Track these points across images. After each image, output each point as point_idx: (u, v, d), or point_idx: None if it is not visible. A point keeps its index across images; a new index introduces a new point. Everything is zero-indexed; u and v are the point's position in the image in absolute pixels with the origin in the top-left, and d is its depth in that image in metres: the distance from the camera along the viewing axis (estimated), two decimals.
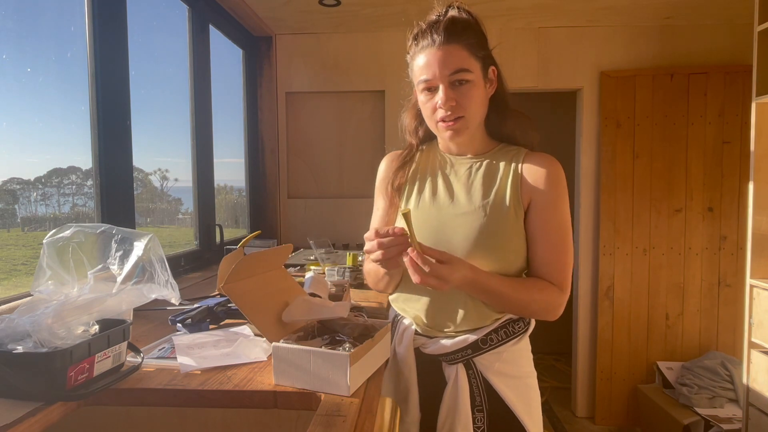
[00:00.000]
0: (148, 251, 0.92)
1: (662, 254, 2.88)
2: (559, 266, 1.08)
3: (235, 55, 2.85)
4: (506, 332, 1.12)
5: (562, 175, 1.11)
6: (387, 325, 0.98)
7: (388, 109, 2.90)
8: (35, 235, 1.48)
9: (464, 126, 1.07)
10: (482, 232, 1.07)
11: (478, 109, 1.09)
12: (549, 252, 1.08)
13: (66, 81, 1.56)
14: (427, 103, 1.08)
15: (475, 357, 1.11)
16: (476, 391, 1.11)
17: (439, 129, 1.09)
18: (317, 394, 0.82)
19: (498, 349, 1.11)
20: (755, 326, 2.04)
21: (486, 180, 1.12)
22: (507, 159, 1.14)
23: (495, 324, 1.11)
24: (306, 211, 2.99)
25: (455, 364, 1.11)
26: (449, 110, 1.05)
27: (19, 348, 0.77)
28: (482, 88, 1.08)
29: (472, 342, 1.09)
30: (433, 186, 1.16)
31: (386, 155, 1.27)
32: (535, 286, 1.07)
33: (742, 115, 2.78)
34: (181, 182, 2.21)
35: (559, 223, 1.08)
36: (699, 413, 2.44)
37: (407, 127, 1.24)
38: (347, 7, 2.50)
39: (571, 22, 2.78)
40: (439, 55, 1.03)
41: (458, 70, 1.03)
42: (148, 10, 1.97)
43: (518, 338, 1.13)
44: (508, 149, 1.16)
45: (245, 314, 0.94)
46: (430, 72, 1.04)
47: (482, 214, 1.08)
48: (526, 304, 1.06)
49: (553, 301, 1.08)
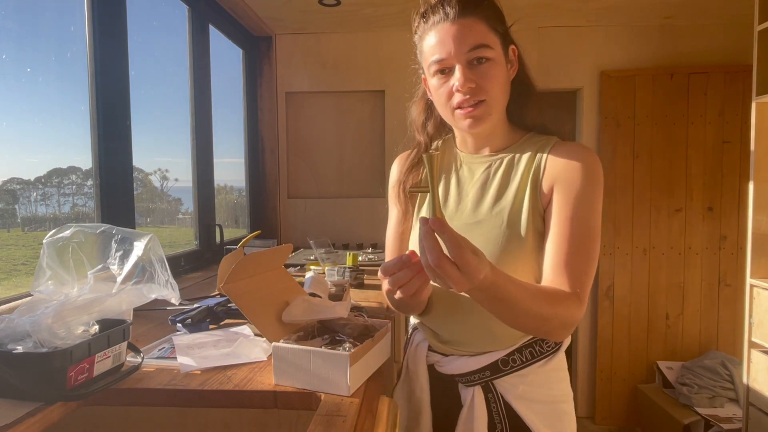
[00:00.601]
0: (148, 251, 0.92)
1: (662, 254, 2.88)
2: (578, 272, 0.87)
3: (235, 55, 2.85)
4: (532, 352, 0.97)
5: (598, 168, 0.91)
6: (387, 325, 0.98)
7: (388, 109, 2.90)
8: (35, 235, 1.48)
9: (486, 112, 0.91)
10: (500, 243, 0.91)
11: (501, 92, 0.92)
12: (569, 254, 0.88)
13: (66, 81, 1.56)
14: (440, 87, 0.92)
15: (494, 379, 0.97)
16: (497, 417, 0.97)
17: (457, 118, 0.93)
18: (317, 394, 0.82)
19: (522, 371, 0.97)
20: (755, 326, 2.04)
21: (504, 180, 0.96)
22: (532, 150, 0.96)
23: (518, 343, 0.96)
24: (306, 211, 2.99)
25: (472, 386, 0.98)
26: (468, 93, 0.89)
27: (19, 348, 0.77)
28: (504, 68, 0.92)
29: (491, 363, 0.96)
30: (446, 190, 1.02)
31: (397, 157, 1.12)
32: (556, 296, 0.84)
33: (742, 114, 2.78)
34: (181, 182, 2.21)
35: (586, 221, 0.89)
36: (699, 413, 2.44)
37: (415, 123, 1.08)
38: (347, 7, 2.49)
39: (571, 22, 2.77)
40: (453, 30, 0.88)
41: (477, 46, 0.87)
42: (147, 10, 1.97)
43: (546, 359, 0.98)
44: (536, 140, 0.98)
45: (245, 314, 0.94)
46: (444, 50, 0.88)
47: (498, 222, 0.93)
48: (546, 318, 0.83)
49: (572, 316, 0.85)
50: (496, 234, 0.92)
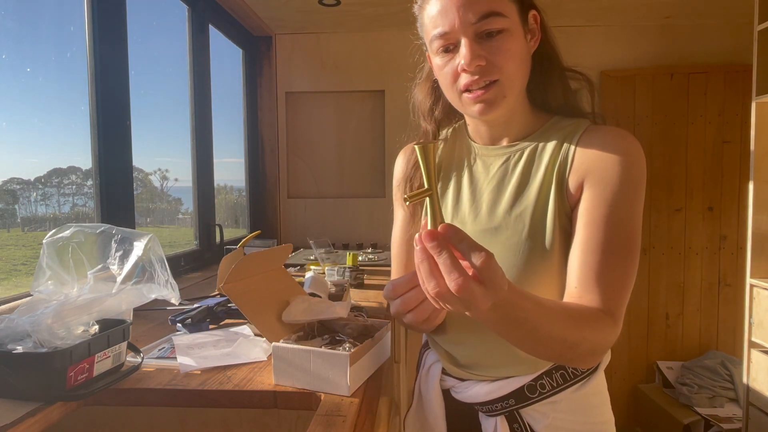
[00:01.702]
0: (147, 251, 0.92)
1: (662, 254, 2.88)
2: (613, 286, 0.72)
3: (235, 55, 2.85)
4: (564, 376, 0.81)
5: (640, 158, 0.74)
6: (387, 325, 0.98)
7: (388, 109, 2.90)
8: (35, 235, 1.48)
9: (500, 94, 0.75)
10: (519, 253, 0.77)
11: (519, 70, 0.76)
12: (602, 263, 0.72)
13: (66, 81, 1.56)
14: (445, 67, 0.76)
15: (521, 408, 0.83)
16: None
17: (465, 103, 0.77)
18: (317, 394, 0.82)
19: (553, 397, 0.81)
20: (755, 326, 2.04)
21: (524, 177, 0.80)
22: (558, 138, 0.80)
23: (548, 365, 0.81)
24: (306, 211, 2.99)
25: (494, 416, 0.84)
26: (477, 73, 0.73)
27: (19, 348, 0.77)
28: (522, 40, 0.77)
29: (516, 389, 0.81)
30: (457, 190, 0.87)
31: (401, 151, 0.97)
32: (585, 317, 0.70)
33: (742, 114, 2.78)
34: (181, 182, 2.21)
35: (624, 224, 0.73)
36: (699, 413, 2.44)
37: (420, 107, 0.92)
38: (347, 7, 2.49)
39: (571, 21, 2.77)
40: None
41: (487, 14, 0.72)
42: (147, 10, 1.97)
43: (581, 383, 0.82)
44: (563, 124, 0.82)
45: (245, 314, 0.94)
46: (447, 22, 0.73)
47: (519, 228, 0.78)
48: (571, 345, 0.68)
49: (604, 341, 0.70)
50: (516, 242, 0.77)
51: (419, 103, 0.93)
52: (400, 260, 0.96)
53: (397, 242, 0.96)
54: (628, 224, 0.74)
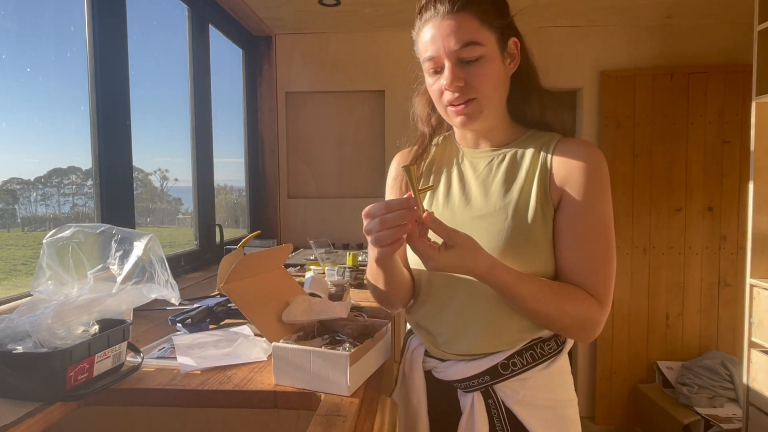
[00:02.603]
0: (147, 251, 0.92)
1: (662, 254, 2.88)
2: (599, 276, 0.88)
3: (235, 55, 2.85)
4: (533, 355, 0.94)
5: (604, 165, 0.91)
6: (387, 325, 0.98)
7: (388, 109, 2.90)
8: (35, 235, 1.48)
9: (477, 110, 0.90)
10: (504, 237, 0.90)
11: (495, 89, 0.92)
12: (587, 259, 0.88)
13: (66, 81, 1.56)
14: (434, 85, 0.93)
15: (494, 384, 0.94)
16: (498, 424, 0.93)
17: (449, 115, 0.93)
18: (317, 394, 0.82)
19: (523, 375, 0.93)
20: (755, 326, 2.04)
21: (509, 175, 0.95)
22: (536, 147, 0.95)
23: (519, 345, 0.94)
24: (306, 211, 2.99)
25: (471, 392, 0.95)
26: (457, 92, 0.89)
27: (19, 348, 0.77)
28: (499, 64, 0.91)
29: (491, 367, 0.93)
30: (448, 184, 1.00)
31: (398, 153, 1.12)
32: (570, 296, 0.87)
33: (742, 114, 2.78)
34: (181, 182, 2.21)
35: (600, 223, 0.89)
36: (699, 413, 2.44)
37: (419, 114, 1.08)
38: (347, 7, 2.49)
39: (571, 21, 2.77)
40: (443, 26, 0.88)
41: (467, 43, 0.87)
42: (147, 9, 1.97)
43: (548, 362, 0.95)
44: (538, 136, 0.98)
45: (245, 314, 0.94)
46: (434, 48, 0.89)
47: (504, 216, 0.91)
48: (555, 317, 0.86)
49: (591, 319, 0.87)
50: (500, 228, 0.91)
51: (419, 111, 1.08)
52: None
53: None
54: (604, 222, 0.89)
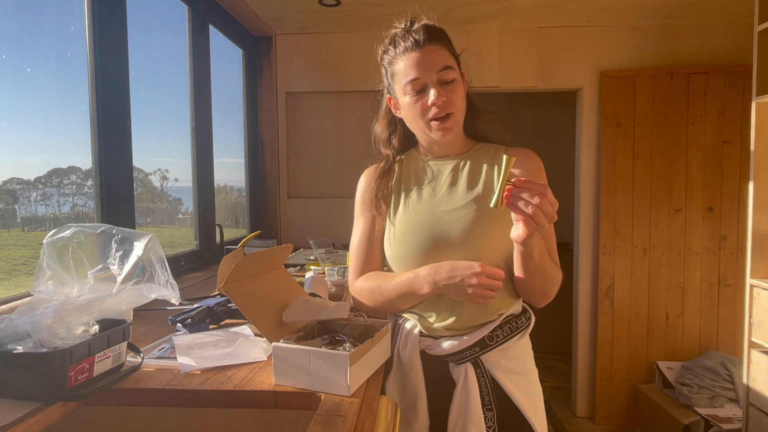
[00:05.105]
0: (148, 251, 0.92)
1: (662, 254, 2.88)
2: (554, 250, 1.12)
3: (235, 55, 2.85)
4: (510, 328, 1.12)
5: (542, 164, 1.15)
6: (387, 325, 0.98)
7: None
8: (35, 235, 1.48)
9: (455, 123, 1.09)
10: (479, 222, 1.08)
11: (463, 107, 1.11)
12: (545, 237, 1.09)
13: (66, 81, 1.56)
14: (415, 103, 1.08)
15: (482, 355, 1.10)
16: (485, 390, 1.09)
17: (432, 129, 1.09)
18: (317, 394, 0.82)
19: (503, 345, 1.11)
20: (755, 326, 2.04)
21: (472, 175, 1.13)
22: (489, 155, 1.16)
23: (499, 320, 1.11)
24: (306, 211, 2.99)
25: (463, 363, 1.10)
26: (441, 106, 1.05)
27: (19, 348, 0.77)
28: (462, 87, 1.10)
29: (479, 339, 1.09)
30: (419, 189, 1.16)
31: (364, 171, 1.26)
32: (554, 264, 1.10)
33: (742, 114, 2.78)
34: (181, 182, 2.21)
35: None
36: (699, 413, 2.44)
37: (380, 138, 1.24)
38: (347, 7, 2.49)
39: (571, 22, 2.77)
40: (424, 53, 1.06)
41: (445, 67, 1.05)
42: (147, 10, 1.97)
43: (521, 333, 1.14)
44: (487, 147, 1.18)
45: (245, 314, 0.94)
46: (417, 71, 1.05)
47: (475, 206, 1.09)
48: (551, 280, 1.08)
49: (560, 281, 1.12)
50: (472, 217, 1.08)
51: (379, 135, 1.24)
52: (361, 258, 1.24)
53: (362, 239, 1.25)
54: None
